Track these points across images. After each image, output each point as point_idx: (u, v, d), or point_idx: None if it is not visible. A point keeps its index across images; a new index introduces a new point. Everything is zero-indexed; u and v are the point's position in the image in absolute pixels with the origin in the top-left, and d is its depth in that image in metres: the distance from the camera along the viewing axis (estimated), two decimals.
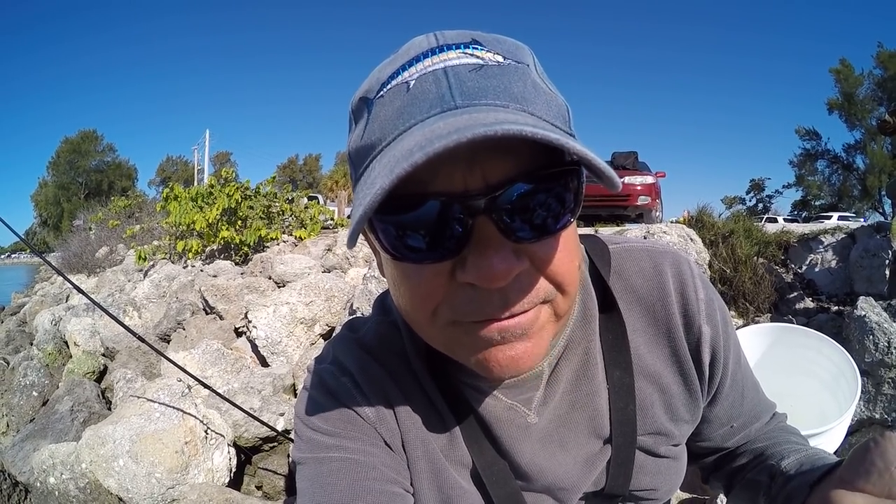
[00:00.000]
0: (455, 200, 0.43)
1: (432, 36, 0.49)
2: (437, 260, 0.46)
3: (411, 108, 0.44)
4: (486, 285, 0.45)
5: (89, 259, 11.90)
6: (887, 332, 2.62)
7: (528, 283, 0.47)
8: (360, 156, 0.48)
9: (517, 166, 0.44)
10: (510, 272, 0.44)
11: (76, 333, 5.04)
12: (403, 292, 0.51)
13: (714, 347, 0.66)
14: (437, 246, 0.45)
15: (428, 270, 0.47)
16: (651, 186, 8.88)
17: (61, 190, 57.09)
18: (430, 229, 0.44)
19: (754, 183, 45.73)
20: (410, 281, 0.49)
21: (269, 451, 3.05)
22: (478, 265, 0.44)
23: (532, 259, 0.47)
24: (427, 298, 0.49)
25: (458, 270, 0.46)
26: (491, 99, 0.44)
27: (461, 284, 0.47)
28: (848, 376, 1.96)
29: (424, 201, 0.44)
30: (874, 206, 34.09)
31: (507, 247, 0.44)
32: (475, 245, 0.44)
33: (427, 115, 0.43)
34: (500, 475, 0.62)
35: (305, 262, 5.38)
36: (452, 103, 0.43)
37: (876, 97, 32.66)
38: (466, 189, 0.44)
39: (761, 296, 4.27)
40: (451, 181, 0.44)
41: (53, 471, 2.45)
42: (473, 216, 0.44)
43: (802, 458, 0.66)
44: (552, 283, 0.49)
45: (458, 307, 0.48)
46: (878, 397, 2.67)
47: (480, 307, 0.47)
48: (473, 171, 0.44)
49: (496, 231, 0.44)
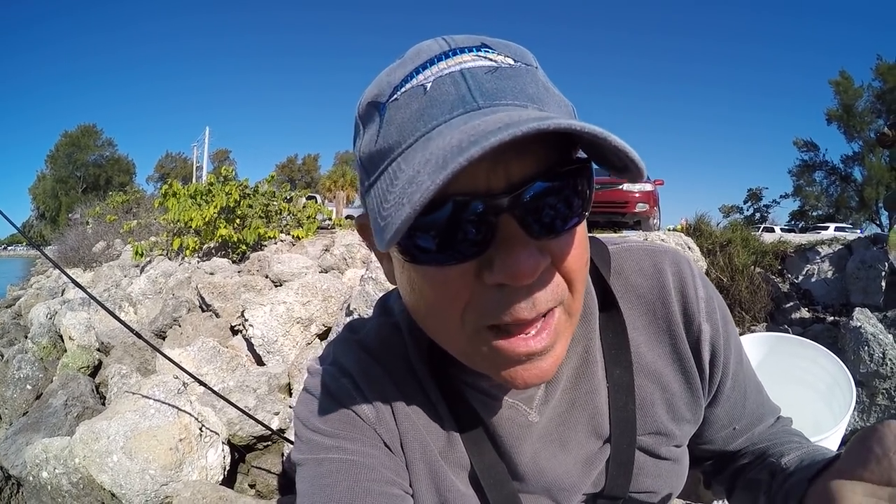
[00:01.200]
0: (479, 200, 0.43)
1: (441, 40, 0.49)
2: (462, 260, 0.46)
3: (431, 110, 0.44)
4: (515, 283, 0.45)
5: (86, 253, 11.87)
6: (882, 344, 2.63)
7: (549, 279, 0.48)
8: (374, 161, 0.47)
9: (537, 165, 0.44)
10: (538, 268, 0.45)
11: (71, 327, 5.02)
12: (427, 297, 0.50)
13: (714, 346, 0.66)
14: (461, 246, 0.45)
15: (453, 272, 0.46)
16: (649, 194, 8.90)
17: (59, 183, 56.91)
18: (453, 230, 0.44)
19: (752, 192, 45.80)
20: (434, 284, 0.48)
21: (263, 449, 3.04)
22: (506, 263, 0.44)
23: (552, 256, 0.47)
24: (453, 301, 0.48)
25: (486, 272, 0.46)
26: (510, 99, 0.44)
27: (487, 286, 0.46)
28: (843, 387, 1.97)
29: (447, 201, 0.43)
30: (871, 217, 34.17)
31: (531, 244, 0.45)
32: (501, 244, 0.44)
33: (450, 116, 0.43)
34: (498, 478, 0.62)
35: (303, 262, 5.38)
36: (475, 104, 0.43)
37: (875, 109, 32.77)
38: (490, 188, 0.44)
39: (757, 305, 4.28)
40: (474, 181, 0.44)
41: (46, 465, 2.44)
42: (498, 215, 0.44)
43: (803, 455, 0.66)
44: (567, 280, 0.49)
45: (486, 309, 0.47)
46: (872, 408, 2.69)
47: (509, 307, 0.47)
48: (496, 171, 0.44)
49: (520, 229, 0.44)
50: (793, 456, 0.67)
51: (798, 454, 0.67)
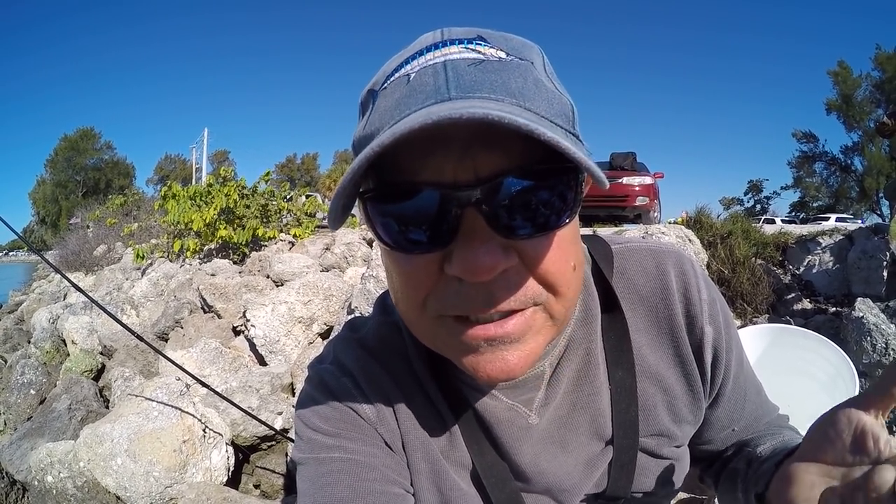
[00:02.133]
0: (444, 191, 0.44)
1: (439, 32, 0.50)
2: (425, 251, 0.46)
3: (408, 100, 0.45)
4: (469, 278, 0.45)
5: (87, 257, 11.87)
6: (885, 334, 2.62)
7: (516, 281, 0.47)
8: (361, 145, 0.49)
9: (510, 161, 0.44)
10: (495, 267, 0.44)
11: (74, 332, 5.03)
12: (395, 282, 0.52)
13: (716, 348, 0.66)
14: (425, 237, 0.45)
15: (418, 261, 0.47)
16: (649, 187, 8.87)
17: (59, 188, 56.98)
18: (419, 219, 0.45)
19: (752, 184, 45.81)
20: (401, 271, 0.50)
21: (267, 450, 3.04)
22: (463, 257, 0.44)
23: (522, 257, 0.46)
24: (416, 289, 0.49)
25: (446, 263, 0.46)
26: (486, 93, 0.44)
27: (449, 278, 0.47)
28: (846, 378, 1.96)
29: (414, 190, 0.44)
30: (872, 207, 34.15)
31: (494, 241, 0.44)
32: (462, 237, 0.44)
33: (421, 106, 0.43)
34: (499, 477, 0.62)
35: (304, 261, 5.38)
36: (447, 95, 0.43)
37: (874, 99, 32.77)
38: (456, 180, 0.44)
39: (759, 297, 4.28)
40: (441, 172, 0.44)
41: (51, 469, 2.45)
42: (462, 208, 0.44)
43: (777, 443, 0.68)
44: (543, 284, 0.48)
45: (443, 300, 0.48)
46: None
47: (464, 301, 0.47)
48: (464, 164, 0.44)
49: (484, 224, 0.44)
50: (768, 444, 0.68)
51: (773, 443, 0.68)
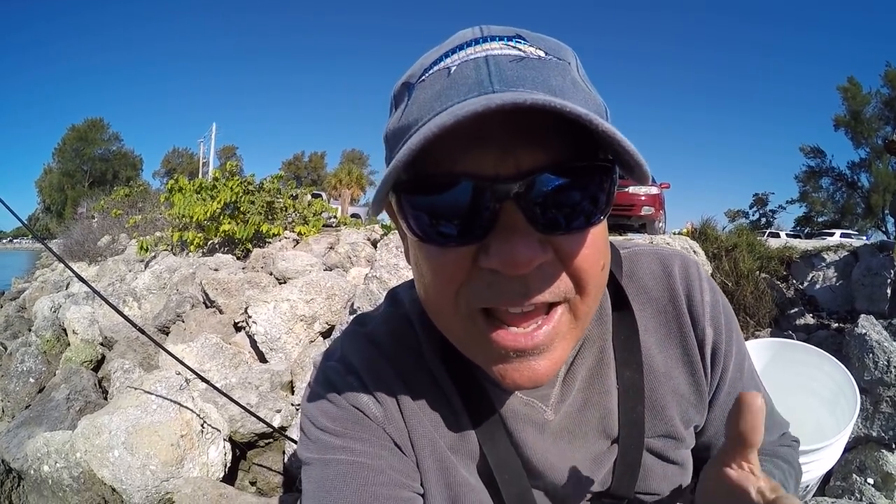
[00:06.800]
0: (485, 184, 0.44)
1: (478, 28, 0.50)
2: (461, 244, 0.46)
3: (450, 91, 0.45)
4: (507, 271, 0.45)
5: (91, 247, 11.91)
6: (887, 351, 2.61)
7: (551, 274, 0.47)
8: (396, 137, 0.49)
9: (550, 157, 0.44)
10: (533, 260, 0.45)
11: (75, 321, 5.03)
12: (426, 276, 0.51)
13: (715, 350, 0.66)
14: (462, 229, 0.45)
15: (452, 254, 0.47)
16: (655, 197, 8.86)
17: (66, 177, 57.20)
18: (456, 211, 0.45)
19: (758, 197, 45.63)
20: (434, 264, 0.49)
21: (265, 447, 3.04)
22: (501, 250, 0.44)
23: (557, 252, 0.47)
24: (449, 282, 0.49)
25: (482, 255, 0.46)
26: (529, 88, 0.44)
27: (482, 270, 0.47)
28: (847, 394, 1.95)
29: (454, 181, 0.44)
30: (877, 224, 34.01)
31: (532, 235, 0.44)
32: (500, 230, 0.44)
33: (464, 98, 0.43)
34: (513, 473, 0.62)
35: (307, 260, 5.38)
36: (490, 88, 0.43)
37: (883, 116, 32.64)
38: (497, 174, 0.44)
39: (762, 310, 4.26)
40: (482, 164, 0.44)
41: (48, 459, 2.45)
42: (501, 201, 0.44)
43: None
44: (574, 280, 0.49)
45: (477, 292, 0.48)
46: (875, 415, 2.66)
47: (498, 294, 0.47)
48: (506, 158, 0.44)
49: (523, 218, 0.44)
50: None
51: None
